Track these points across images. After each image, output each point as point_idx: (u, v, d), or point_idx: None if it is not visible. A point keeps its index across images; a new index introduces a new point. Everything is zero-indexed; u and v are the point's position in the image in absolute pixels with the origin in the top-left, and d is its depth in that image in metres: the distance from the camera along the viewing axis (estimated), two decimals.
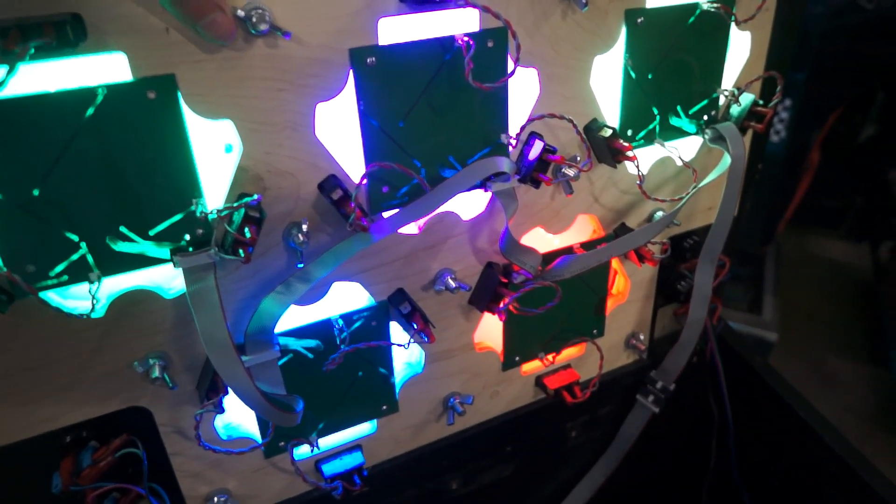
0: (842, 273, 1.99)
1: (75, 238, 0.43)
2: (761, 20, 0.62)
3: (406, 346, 0.55)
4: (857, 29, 1.33)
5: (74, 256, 0.44)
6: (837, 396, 1.59)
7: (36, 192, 0.41)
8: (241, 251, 0.45)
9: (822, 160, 1.53)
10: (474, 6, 0.45)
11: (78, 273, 0.44)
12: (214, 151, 0.46)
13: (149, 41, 0.40)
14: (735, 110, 0.64)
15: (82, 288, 0.46)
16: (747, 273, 1.54)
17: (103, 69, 0.41)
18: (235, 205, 0.44)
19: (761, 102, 0.63)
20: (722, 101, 0.64)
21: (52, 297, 0.46)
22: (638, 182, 0.59)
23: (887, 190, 1.85)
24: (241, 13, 0.41)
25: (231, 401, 0.51)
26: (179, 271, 0.45)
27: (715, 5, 0.57)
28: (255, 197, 0.44)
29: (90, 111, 0.40)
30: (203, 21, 0.39)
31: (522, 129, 0.53)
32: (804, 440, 0.74)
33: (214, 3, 0.39)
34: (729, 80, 0.65)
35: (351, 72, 0.47)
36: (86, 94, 0.40)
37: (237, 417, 0.58)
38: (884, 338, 1.74)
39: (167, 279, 0.49)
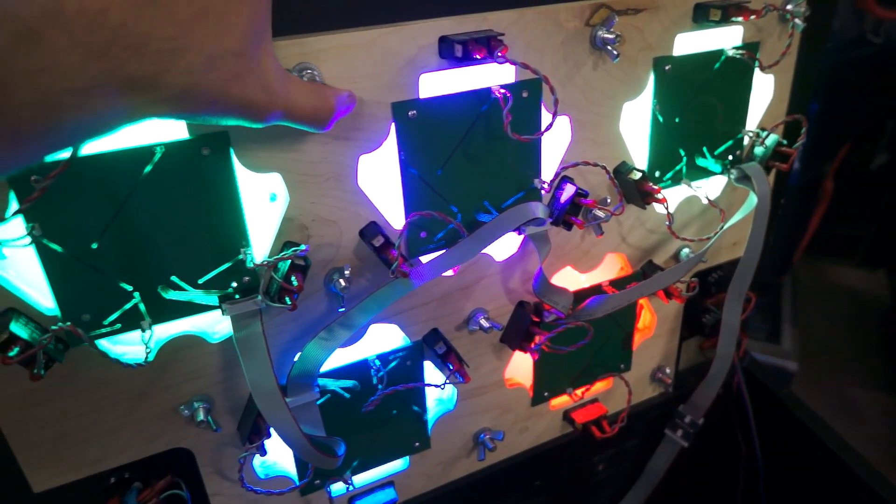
0: (859, 301, 1.99)
1: (129, 288, 0.45)
2: (784, 64, 0.63)
3: (442, 386, 0.56)
4: (866, 61, 1.35)
5: (127, 306, 0.45)
6: (859, 427, 1.57)
7: (94, 246, 0.43)
8: (287, 299, 0.46)
9: (835, 190, 1.54)
10: (513, 63, 0.46)
11: (130, 321, 0.46)
12: (261, 202, 0.48)
13: None
14: (759, 151, 0.65)
15: (130, 335, 0.47)
16: (765, 303, 1.54)
17: (161, 128, 0.43)
18: (284, 255, 0.45)
19: (785, 143, 0.65)
20: (746, 141, 0.66)
21: (103, 343, 0.47)
22: (667, 223, 0.60)
23: None
24: (293, 74, 0.43)
25: (272, 442, 0.52)
26: (225, 317, 0.47)
27: (740, 52, 0.59)
28: (304, 247, 0.46)
29: (148, 168, 0.42)
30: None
31: (556, 175, 0.55)
32: (833, 472, 0.74)
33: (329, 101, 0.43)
34: (753, 120, 0.66)
35: (393, 124, 0.49)
36: (145, 153, 0.42)
37: (275, 456, 0.59)
38: None
39: (211, 324, 0.51)
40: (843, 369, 1.75)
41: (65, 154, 0.37)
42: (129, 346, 0.49)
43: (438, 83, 0.50)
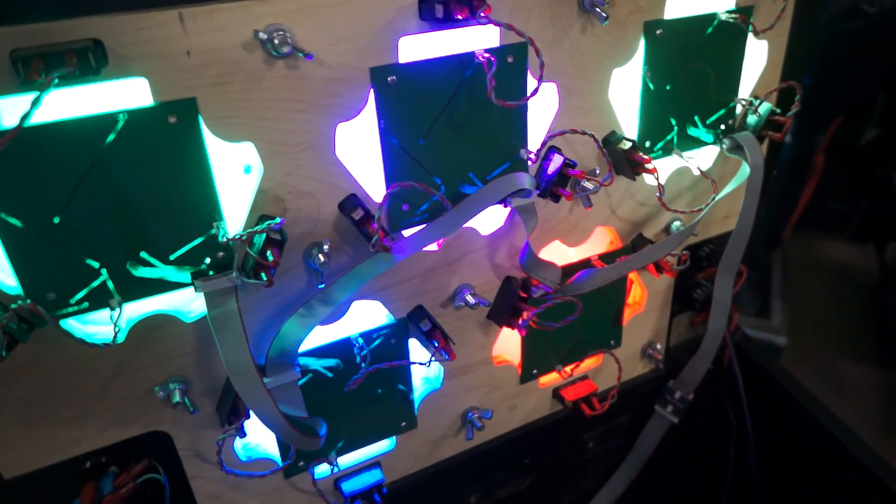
0: (848, 276, 1.99)
1: (96, 265, 0.43)
2: (778, 29, 0.61)
3: (427, 364, 0.55)
4: (859, 33, 1.33)
5: (95, 283, 0.43)
6: (847, 401, 1.58)
7: (56, 220, 0.41)
8: (263, 274, 0.44)
9: (826, 164, 1.53)
10: (496, 24, 0.44)
11: (98, 300, 0.44)
12: (234, 173, 0.46)
13: (170, 65, 0.40)
14: (752, 120, 0.64)
15: (101, 313, 0.45)
16: (754, 278, 1.54)
17: (124, 94, 0.40)
18: (258, 228, 0.43)
19: (778, 111, 0.63)
20: (739, 110, 0.64)
21: (72, 323, 0.45)
22: (658, 194, 0.58)
23: (891, 192, 1.85)
24: (262, 35, 0.41)
25: (252, 424, 0.51)
26: (199, 295, 0.45)
27: (733, 15, 0.57)
28: (279, 220, 0.44)
29: (111, 137, 0.40)
30: None
31: (543, 144, 0.53)
32: (824, 446, 0.74)
33: None
34: (745, 89, 0.64)
35: (372, 91, 0.46)
36: (106, 120, 0.39)
37: (256, 438, 0.58)
38: (893, 341, 1.73)
39: (186, 302, 0.49)
40: (831, 344, 1.76)
41: (12, 123, 0.35)
42: (101, 326, 0.47)
43: (419, 47, 0.48)
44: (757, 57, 0.64)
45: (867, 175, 1.89)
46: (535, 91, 0.46)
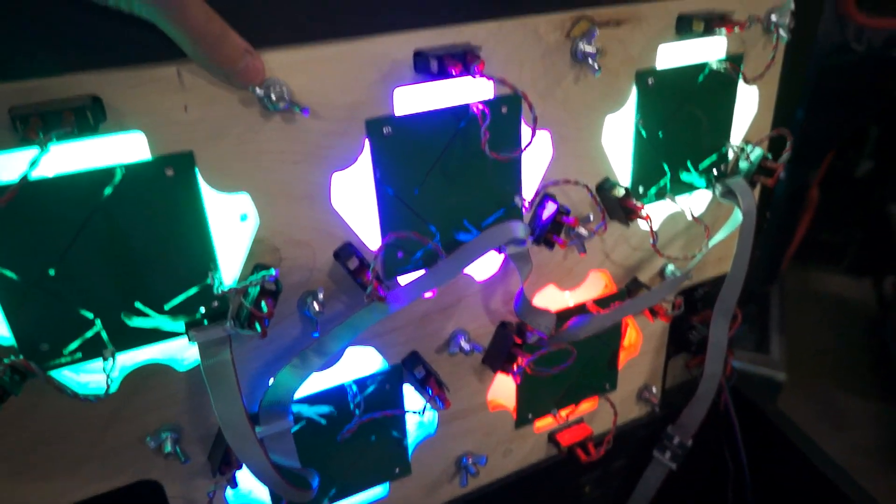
0: (846, 308, 1.99)
1: (90, 315, 0.43)
2: (769, 76, 0.62)
3: (421, 413, 0.55)
4: (849, 69, 1.36)
5: (89, 334, 0.43)
6: (848, 435, 1.57)
7: (52, 272, 0.41)
8: (257, 325, 0.44)
9: (821, 197, 1.54)
10: (490, 78, 0.45)
11: (92, 350, 0.44)
12: (230, 223, 0.46)
13: (167, 120, 0.40)
14: (744, 165, 0.64)
15: (95, 363, 0.45)
16: (752, 312, 1.54)
17: (121, 148, 0.41)
18: (253, 280, 0.43)
19: (770, 156, 0.64)
20: (731, 155, 0.65)
21: (66, 373, 0.45)
22: (651, 241, 0.58)
23: (887, 224, 1.86)
24: (259, 91, 0.41)
25: (243, 473, 0.50)
26: (193, 344, 0.45)
27: (724, 64, 0.58)
28: (273, 272, 0.44)
29: (108, 190, 0.40)
30: (237, 68, 0.39)
31: (537, 193, 0.53)
32: (820, 488, 0.73)
33: (243, 48, 0.39)
34: (737, 134, 0.65)
35: (367, 141, 0.47)
36: (104, 174, 0.40)
37: (248, 485, 0.57)
38: (892, 373, 1.72)
39: (180, 351, 0.48)
40: (831, 377, 1.75)
41: (14, 178, 0.35)
42: (95, 375, 0.46)
43: (414, 98, 0.48)
44: (748, 103, 0.65)
45: (862, 207, 1.90)
46: (529, 143, 0.46)
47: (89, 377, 0.46)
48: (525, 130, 0.52)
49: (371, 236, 0.50)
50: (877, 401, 1.68)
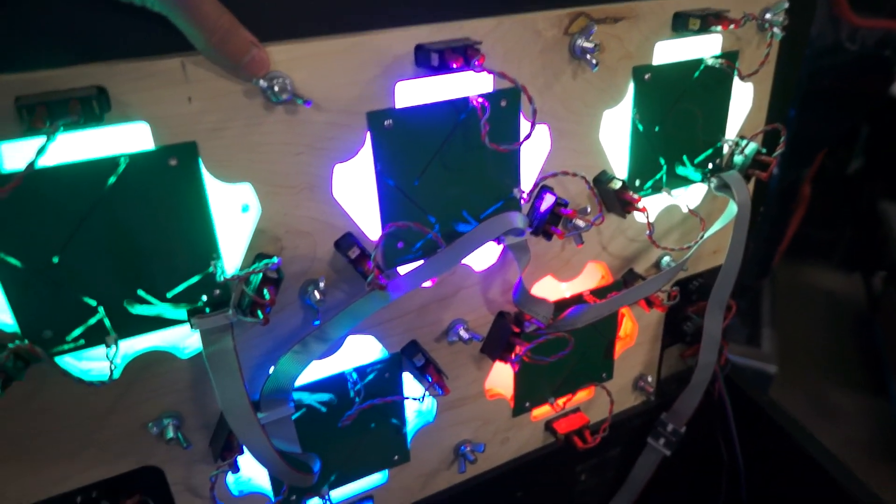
0: (836, 303, 2.01)
1: (93, 303, 0.43)
2: (763, 73, 0.63)
3: (421, 399, 0.55)
4: (842, 68, 1.38)
5: (92, 321, 0.44)
6: (838, 428, 1.59)
7: (55, 260, 0.41)
8: (259, 312, 0.45)
9: (812, 194, 1.56)
10: (490, 72, 0.46)
11: (95, 337, 0.44)
12: (232, 213, 0.47)
13: (171, 111, 0.41)
14: (738, 159, 0.65)
15: (97, 350, 0.45)
16: (744, 306, 1.56)
17: (125, 138, 0.41)
18: (255, 268, 0.44)
19: (764, 151, 0.65)
20: (726, 150, 0.66)
21: (68, 360, 0.46)
22: (647, 232, 0.59)
23: (877, 220, 1.88)
24: (263, 83, 0.42)
25: (245, 458, 0.51)
26: (195, 332, 0.45)
27: (719, 61, 0.59)
28: (276, 260, 0.44)
29: (112, 180, 0.41)
30: (244, 60, 0.40)
31: (535, 184, 0.54)
32: (813, 476, 0.74)
33: (250, 41, 0.40)
34: (732, 129, 0.66)
35: (368, 134, 0.47)
36: (108, 164, 0.40)
37: (249, 472, 0.58)
38: (881, 368, 1.75)
39: (182, 339, 0.49)
40: (821, 370, 1.77)
41: (20, 167, 0.36)
42: (97, 362, 0.47)
43: (415, 92, 0.49)
44: (743, 98, 0.66)
45: (853, 204, 1.92)
46: (528, 136, 0.47)
47: (91, 364, 0.47)
48: (524, 124, 0.53)
49: (371, 227, 0.51)
50: (866, 394, 1.70)
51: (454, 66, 0.44)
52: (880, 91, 1.41)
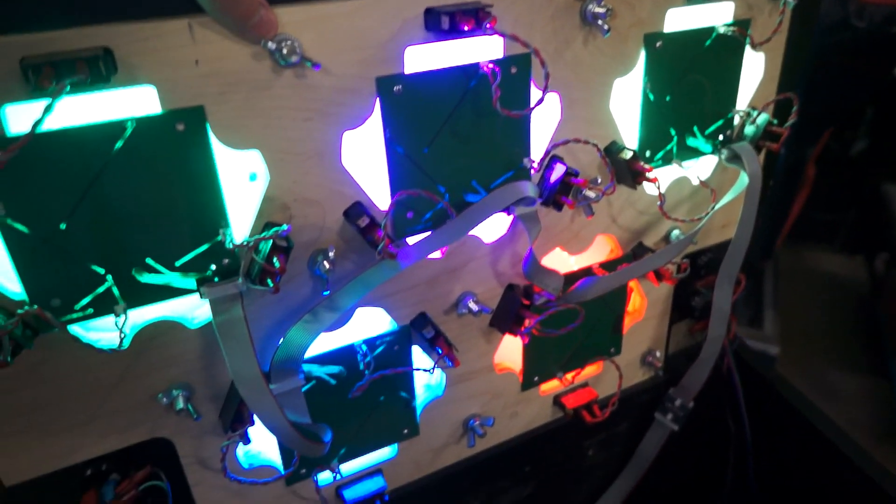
0: (838, 286, 2.00)
1: (101, 271, 0.43)
2: (775, 42, 0.62)
3: (431, 371, 0.55)
4: (849, 46, 1.36)
5: (100, 289, 0.43)
6: (840, 409, 1.59)
7: (63, 226, 0.41)
8: (269, 281, 0.44)
9: (816, 175, 1.55)
10: (502, 35, 0.45)
11: (103, 306, 0.44)
12: (240, 181, 0.46)
13: (178, 74, 0.40)
14: (749, 130, 0.65)
15: (104, 320, 0.45)
16: (748, 287, 1.55)
17: (132, 102, 0.41)
18: (265, 235, 0.43)
19: (775, 122, 0.64)
20: (737, 121, 0.65)
21: (76, 330, 0.45)
22: (659, 203, 0.59)
23: (880, 203, 1.87)
24: (271, 45, 0.41)
25: (255, 430, 0.51)
26: (203, 301, 0.45)
27: (731, 28, 0.58)
28: (286, 227, 0.44)
29: (119, 144, 0.40)
30: (252, 21, 0.39)
31: (546, 153, 0.53)
32: (821, 451, 0.75)
33: (257, 1, 0.39)
34: (743, 100, 0.65)
35: (377, 100, 0.47)
36: (114, 128, 0.40)
37: (258, 445, 0.58)
38: (883, 349, 1.75)
39: (190, 309, 0.49)
40: (823, 352, 1.77)
41: (26, 128, 0.35)
42: (103, 333, 0.46)
43: (424, 57, 0.48)
44: (754, 69, 0.65)
45: (856, 186, 1.91)
46: (541, 101, 0.46)
47: (98, 335, 0.47)
48: (534, 93, 0.52)
49: (380, 196, 0.50)
50: (868, 376, 1.70)
51: (465, 28, 0.43)
52: (886, 70, 1.40)
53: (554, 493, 0.79)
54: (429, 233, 0.51)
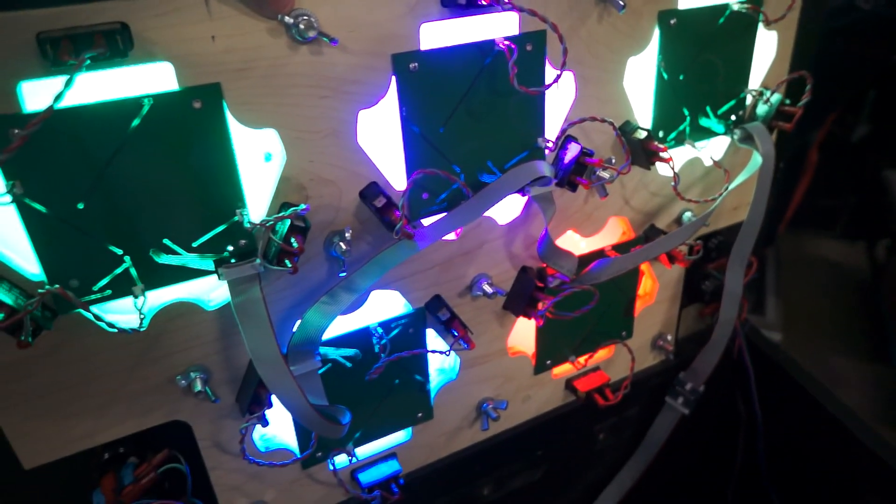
0: (840, 272, 2.01)
1: (119, 252, 0.43)
2: (787, 21, 0.62)
3: (447, 353, 0.55)
4: (854, 29, 1.36)
5: (118, 270, 0.43)
6: (843, 395, 1.60)
7: (80, 206, 0.40)
8: (287, 261, 0.44)
9: (819, 161, 1.54)
10: (519, 10, 0.44)
11: (121, 287, 0.43)
12: (257, 161, 0.46)
13: (195, 50, 0.40)
14: (762, 110, 0.64)
15: (121, 302, 0.45)
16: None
17: (149, 79, 0.40)
18: (284, 214, 0.43)
19: (788, 102, 0.64)
20: (749, 101, 0.65)
21: (94, 311, 0.45)
22: (673, 183, 0.59)
23: (882, 189, 1.87)
24: (288, 20, 0.41)
25: (273, 413, 0.51)
26: (221, 283, 0.45)
27: (745, 6, 0.58)
28: (304, 207, 0.43)
29: (136, 122, 0.40)
30: None
31: (561, 132, 0.53)
32: (832, 433, 0.75)
33: None
34: (755, 80, 0.65)
35: (393, 78, 0.46)
36: (131, 105, 0.39)
37: (274, 429, 0.58)
38: (885, 335, 1.75)
39: (207, 291, 0.48)
40: (825, 338, 1.77)
41: (42, 106, 0.34)
42: (121, 315, 0.46)
43: (440, 34, 0.48)
44: (767, 48, 0.65)
45: (858, 172, 1.91)
46: (558, 77, 0.46)
47: (115, 318, 0.46)
48: (549, 71, 0.52)
49: (396, 176, 0.50)
50: (869, 362, 1.71)
51: (483, 2, 0.43)
52: (888, 54, 1.40)
53: (565, 477, 0.79)
54: (444, 214, 0.51)
